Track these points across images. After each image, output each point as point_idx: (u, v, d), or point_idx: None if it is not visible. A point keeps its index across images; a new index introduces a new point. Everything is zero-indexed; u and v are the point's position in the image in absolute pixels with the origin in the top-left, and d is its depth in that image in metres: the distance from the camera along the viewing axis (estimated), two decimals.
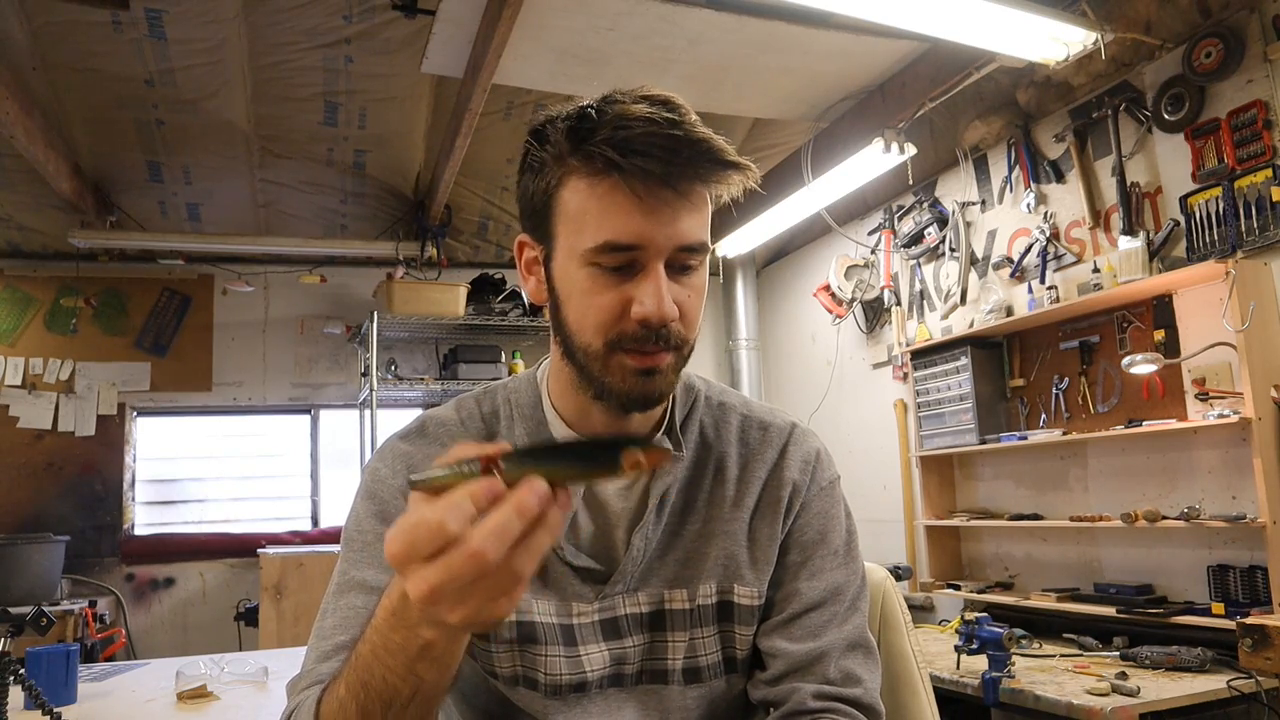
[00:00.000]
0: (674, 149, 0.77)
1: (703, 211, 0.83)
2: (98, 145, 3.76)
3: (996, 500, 3.41)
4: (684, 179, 0.78)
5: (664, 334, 0.81)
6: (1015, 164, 3.31)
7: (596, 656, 0.91)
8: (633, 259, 0.80)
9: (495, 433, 0.95)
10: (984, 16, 2.37)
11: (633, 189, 0.78)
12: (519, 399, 0.96)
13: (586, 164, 0.80)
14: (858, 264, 4.22)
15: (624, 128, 0.77)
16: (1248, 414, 2.39)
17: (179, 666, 2.03)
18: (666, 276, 0.81)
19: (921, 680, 1.17)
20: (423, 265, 4.53)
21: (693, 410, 0.98)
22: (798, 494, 0.97)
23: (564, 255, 0.84)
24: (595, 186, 0.79)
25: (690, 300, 0.84)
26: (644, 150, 0.76)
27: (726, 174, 0.81)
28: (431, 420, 0.96)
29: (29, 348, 4.30)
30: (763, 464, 0.98)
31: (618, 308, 0.81)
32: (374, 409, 4.20)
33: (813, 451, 1.00)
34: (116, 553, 4.29)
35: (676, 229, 0.80)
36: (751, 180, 0.82)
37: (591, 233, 0.80)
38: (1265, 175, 2.47)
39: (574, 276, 0.83)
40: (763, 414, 1.02)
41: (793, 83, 3.17)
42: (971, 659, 2.52)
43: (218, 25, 3.07)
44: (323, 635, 0.85)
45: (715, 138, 0.79)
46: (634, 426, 0.91)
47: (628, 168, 0.77)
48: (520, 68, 2.88)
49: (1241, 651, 2.21)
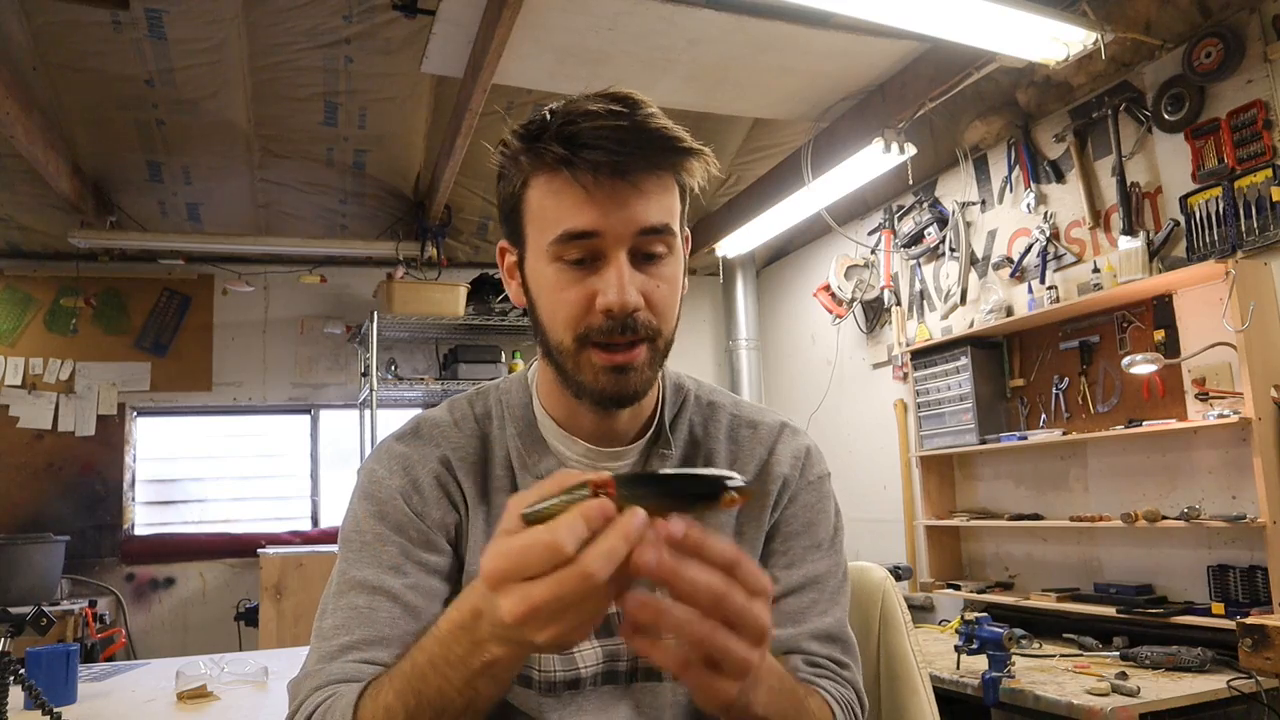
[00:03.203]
0: (621, 140, 0.78)
1: (661, 198, 0.83)
2: (98, 145, 3.76)
3: (996, 500, 3.41)
4: (633, 168, 0.80)
5: (631, 324, 0.82)
6: (1015, 164, 3.31)
7: (589, 653, 0.92)
8: (594, 249, 0.82)
9: (488, 433, 0.96)
10: (984, 16, 2.37)
11: (582, 181, 0.79)
12: (510, 400, 0.97)
13: (541, 163, 0.82)
14: (858, 264, 4.22)
15: (571, 123, 0.79)
16: (1248, 414, 2.39)
17: (179, 666, 2.02)
18: (632, 266, 0.82)
19: (921, 680, 1.17)
20: (423, 265, 4.53)
21: (682, 409, 0.99)
22: (786, 488, 0.98)
23: (534, 255, 0.86)
24: (551, 183, 0.82)
25: (660, 290, 0.84)
26: (591, 143, 0.78)
27: (677, 159, 0.82)
28: (426, 421, 0.96)
29: (29, 348, 4.30)
30: (752, 460, 0.98)
31: (584, 301, 0.82)
32: (374, 409, 4.20)
33: (803, 448, 1.01)
34: (116, 553, 4.29)
35: (631, 215, 0.81)
36: (710, 165, 0.84)
37: (551, 227, 0.82)
38: (1265, 175, 2.47)
39: (543, 274, 0.85)
40: (752, 413, 1.02)
41: (793, 83, 3.17)
42: (971, 659, 2.52)
43: (218, 25, 3.07)
44: (324, 636, 0.85)
45: (667, 126, 0.81)
46: (621, 425, 0.92)
47: (577, 161, 0.79)
48: (520, 68, 2.88)
49: (1241, 651, 2.21)
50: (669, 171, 0.83)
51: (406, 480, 0.91)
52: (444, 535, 0.91)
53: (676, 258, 0.87)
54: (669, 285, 0.85)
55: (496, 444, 0.95)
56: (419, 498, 0.90)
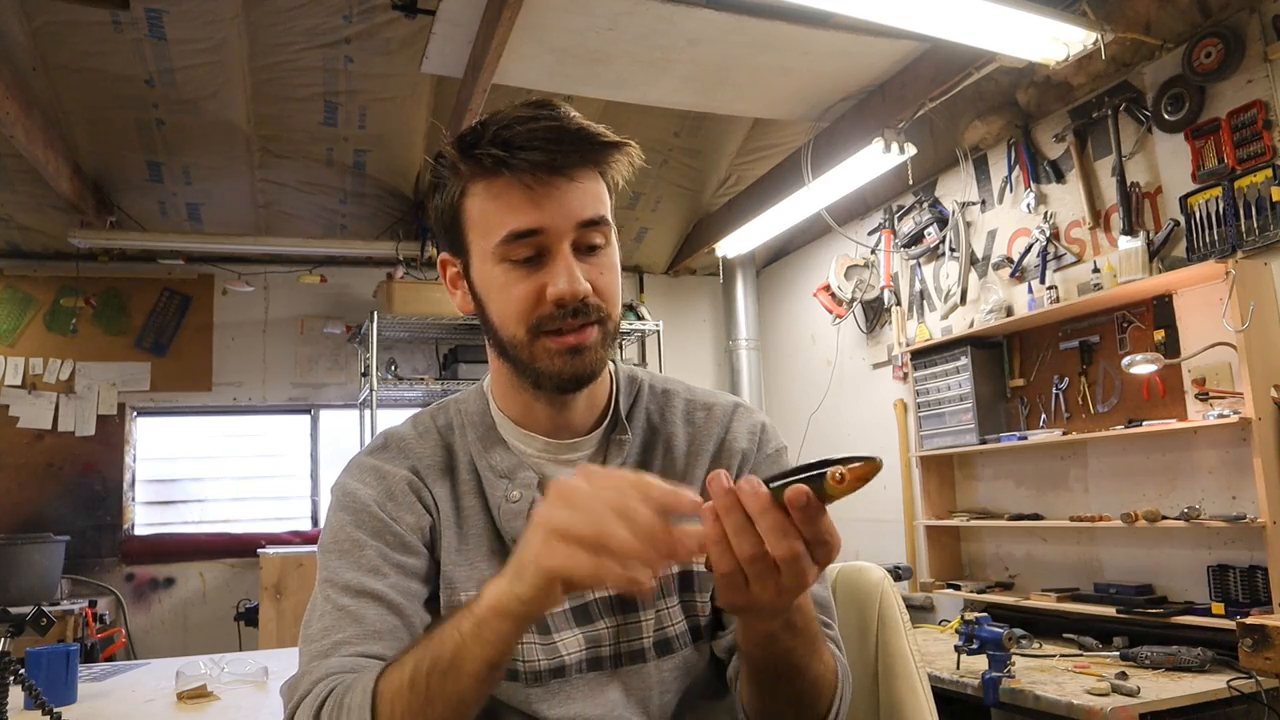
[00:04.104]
0: (554, 139, 0.83)
1: (596, 191, 0.88)
2: (98, 145, 3.76)
3: (996, 500, 3.41)
4: (569, 165, 0.85)
5: (583, 309, 0.87)
6: (1015, 164, 3.31)
7: (570, 641, 0.93)
8: (539, 245, 0.86)
9: (451, 443, 1.00)
10: (984, 16, 2.37)
11: (523, 181, 0.84)
12: (468, 408, 1.02)
13: (479, 169, 0.86)
14: (858, 264, 4.22)
15: (506, 128, 0.84)
16: (1248, 414, 2.39)
17: (179, 666, 2.02)
18: (575, 258, 0.86)
19: (920, 680, 1.17)
20: (423, 265, 4.53)
21: (637, 399, 1.03)
22: (746, 461, 1.02)
23: (479, 260, 0.90)
24: (491, 187, 0.86)
25: (604, 277, 0.89)
26: (526, 145, 0.83)
27: (609, 153, 0.87)
28: (393, 436, 1.00)
29: (29, 348, 4.30)
30: (709, 439, 1.02)
31: (533, 295, 0.87)
32: (374, 409, 4.20)
33: (758, 423, 1.05)
34: (116, 553, 4.29)
35: (571, 209, 0.85)
36: (635, 158, 0.89)
37: (496, 229, 0.86)
38: (1265, 175, 2.47)
39: (490, 275, 0.89)
40: (706, 397, 1.07)
41: (793, 83, 3.17)
42: (971, 659, 2.52)
43: (218, 25, 3.07)
44: (314, 639, 0.86)
45: (593, 125, 0.86)
46: (577, 417, 0.96)
47: (515, 163, 0.83)
48: (520, 68, 2.88)
49: (1241, 651, 2.21)
50: (598, 165, 0.88)
51: (380, 489, 0.94)
52: (419, 538, 0.93)
53: (613, 247, 0.91)
54: (611, 272, 0.90)
55: (460, 451, 0.99)
56: (393, 504, 0.93)
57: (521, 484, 0.95)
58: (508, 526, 0.94)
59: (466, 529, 0.95)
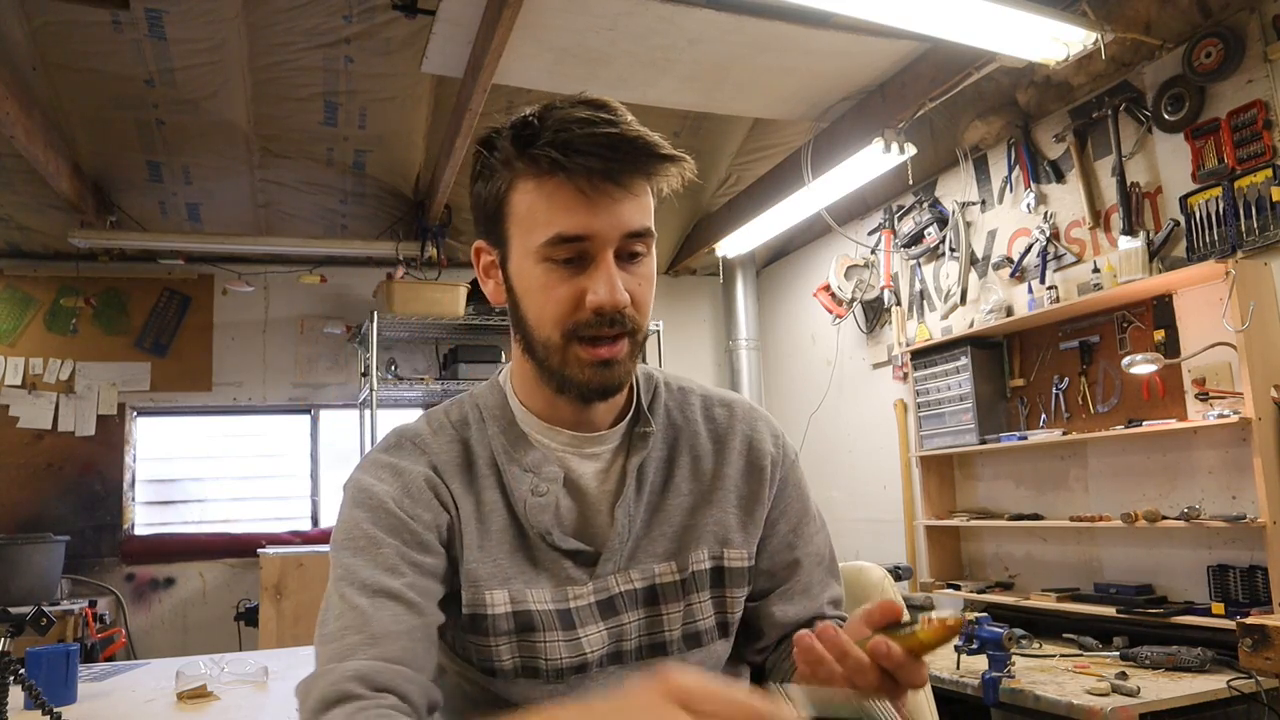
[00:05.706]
0: (613, 146, 0.82)
1: (644, 202, 0.88)
2: (98, 145, 3.76)
3: (996, 500, 3.41)
4: (624, 173, 0.84)
5: (619, 319, 0.86)
6: (1015, 164, 3.31)
7: (595, 637, 0.93)
8: (583, 250, 0.85)
9: (467, 438, 0.98)
10: (984, 16, 2.37)
11: (577, 185, 0.83)
12: (486, 402, 1.00)
13: (533, 166, 0.85)
14: (858, 264, 4.22)
15: (565, 130, 0.83)
16: (1248, 414, 2.39)
17: (179, 666, 2.02)
18: (616, 266, 0.86)
19: None
20: (423, 265, 4.53)
21: (656, 395, 1.04)
22: (776, 466, 1.04)
23: (519, 255, 0.89)
24: (542, 186, 0.85)
25: (641, 288, 0.89)
26: (585, 149, 0.82)
27: (664, 166, 0.86)
28: (406, 433, 0.99)
29: (29, 348, 4.30)
30: (736, 436, 1.04)
31: (573, 299, 0.86)
32: (374, 409, 4.20)
33: (778, 428, 1.08)
34: (116, 553, 4.29)
35: (621, 218, 0.85)
36: (688, 171, 0.88)
37: (542, 229, 0.85)
38: (1265, 175, 2.47)
39: (530, 273, 0.88)
40: (721, 394, 1.09)
41: (793, 83, 3.17)
42: (971, 659, 2.52)
43: (218, 25, 3.07)
44: (330, 639, 0.84)
45: (651, 134, 0.85)
46: (600, 414, 0.96)
47: (571, 166, 0.82)
48: (520, 68, 2.88)
49: (1241, 651, 2.21)
50: (651, 177, 0.87)
51: (397, 486, 0.92)
52: (437, 537, 0.92)
53: (652, 257, 0.92)
54: (648, 283, 0.90)
55: (477, 445, 0.97)
56: (410, 501, 0.92)
57: (547, 478, 0.94)
58: (533, 520, 0.93)
59: (488, 525, 0.94)
